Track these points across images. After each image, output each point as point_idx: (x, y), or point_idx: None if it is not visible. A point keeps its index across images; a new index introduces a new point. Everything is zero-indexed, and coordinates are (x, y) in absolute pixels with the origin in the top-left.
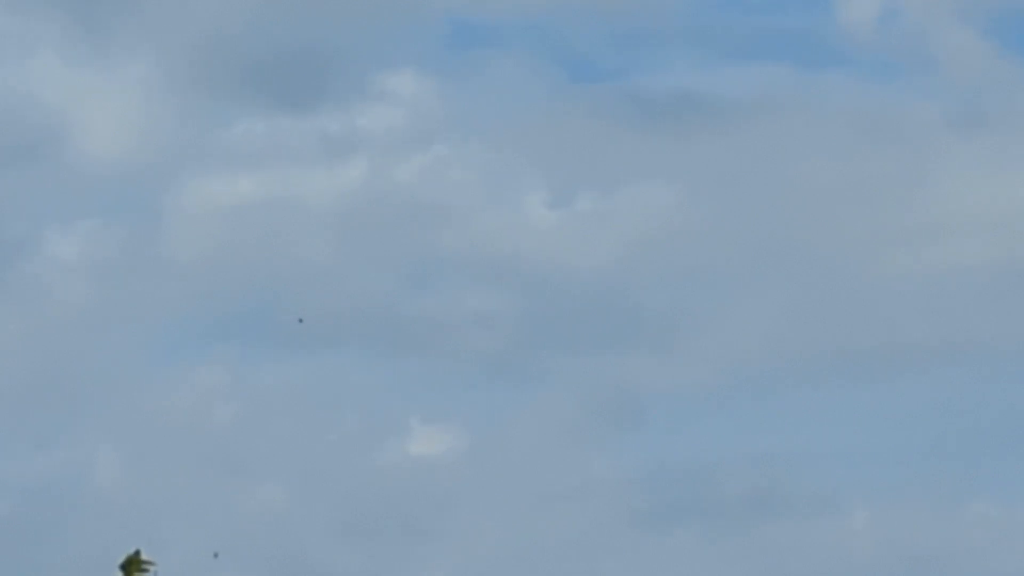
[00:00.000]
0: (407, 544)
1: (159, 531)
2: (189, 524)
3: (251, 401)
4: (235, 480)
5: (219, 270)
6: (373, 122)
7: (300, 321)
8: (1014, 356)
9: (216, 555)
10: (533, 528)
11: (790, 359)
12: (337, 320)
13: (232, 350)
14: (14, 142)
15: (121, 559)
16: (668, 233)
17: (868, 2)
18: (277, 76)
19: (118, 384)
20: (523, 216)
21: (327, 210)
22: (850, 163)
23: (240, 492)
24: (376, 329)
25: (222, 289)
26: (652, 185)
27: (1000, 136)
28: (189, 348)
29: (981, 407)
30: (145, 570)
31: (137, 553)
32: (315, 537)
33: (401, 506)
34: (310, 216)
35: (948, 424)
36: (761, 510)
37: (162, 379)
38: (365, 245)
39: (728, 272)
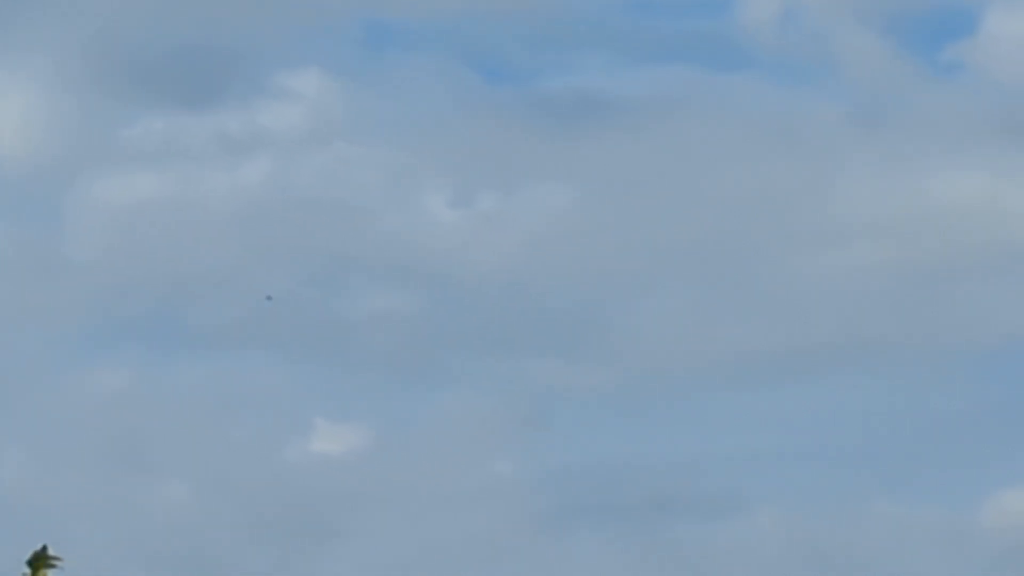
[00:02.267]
0: (312, 543)
1: (65, 530)
2: (95, 523)
3: (155, 401)
4: (140, 479)
5: (121, 270)
6: (275, 121)
7: (269, 298)
8: (919, 358)
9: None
10: (437, 528)
11: (694, 361)
12: (240, 321)
13: (135, 351)
14: None
15: (28, 556)
16: (571, 234)
17: (769, 4)
18: (177, 74)
19: (21, 384)
20: (425, 216)
21: (228, 209)
22: (752, 165)
23: (145, 491)
24: (279, 329)
25: (124, 290)
26: (554, 185)
27: (901, 136)
28: (91, 349)
29: (885, 409)
30: (53, 565)
31: (44, 548)
32: (220, 536)
33: (306, 506)
34: (211, 216)
35: (852, 426)
36: (666, 512)
37: (65, 379)
38: (267, 245)
39: (632, 274)
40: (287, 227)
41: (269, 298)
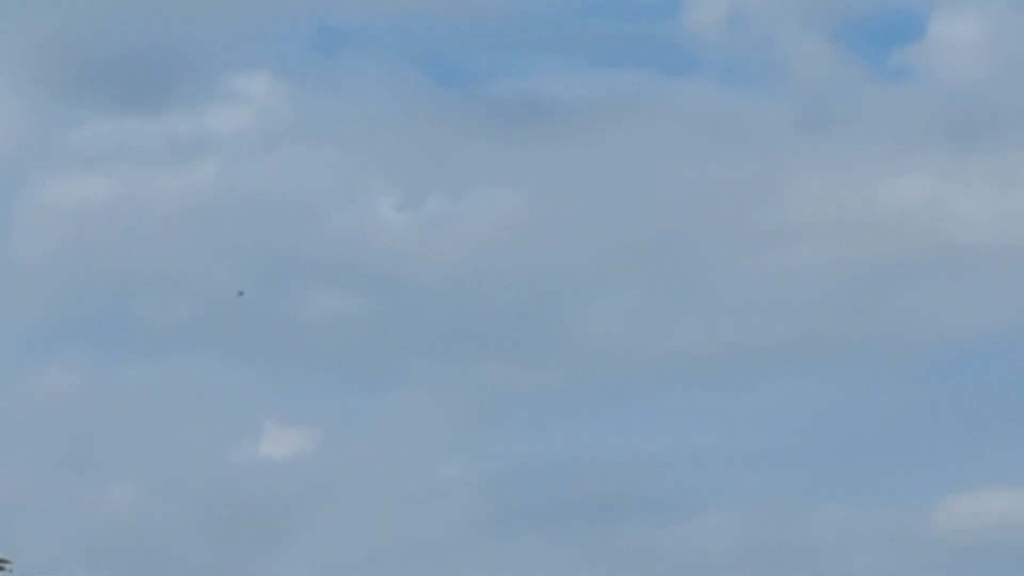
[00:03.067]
0: (260, 544)
1: (12, 531)
2: (43, 523)
3: (103, 402)
4: (88, 479)
5: (69, 272)
6: (223, 123)
7: (240, 293)
8: (868, 359)
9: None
10: (386, 529)
11: (643, 362)
12: (189, 322)
13: (83, 351)
14: None
15: None
16: (520, 236)
17: (716, 8)
18: (126, 76)
19: None
20: (373, 218)
21: (177, 212)
22: (701, 166)
23: (94, 492)
24: (227, 332)
25: (72, 291)
26: (503, 188)
27: (849, 138)
28: (40, 349)
29: (835, 410)
30: (1, 568)
31: None
32: (168, 537)
33: (254, 507)
34: (160, 218)
35: (803, 426)
36: (616, 513)
37: (13, 380)
38: (216, 247)
39: (580, 275)
40: (236, 229)
41: (241, 293)
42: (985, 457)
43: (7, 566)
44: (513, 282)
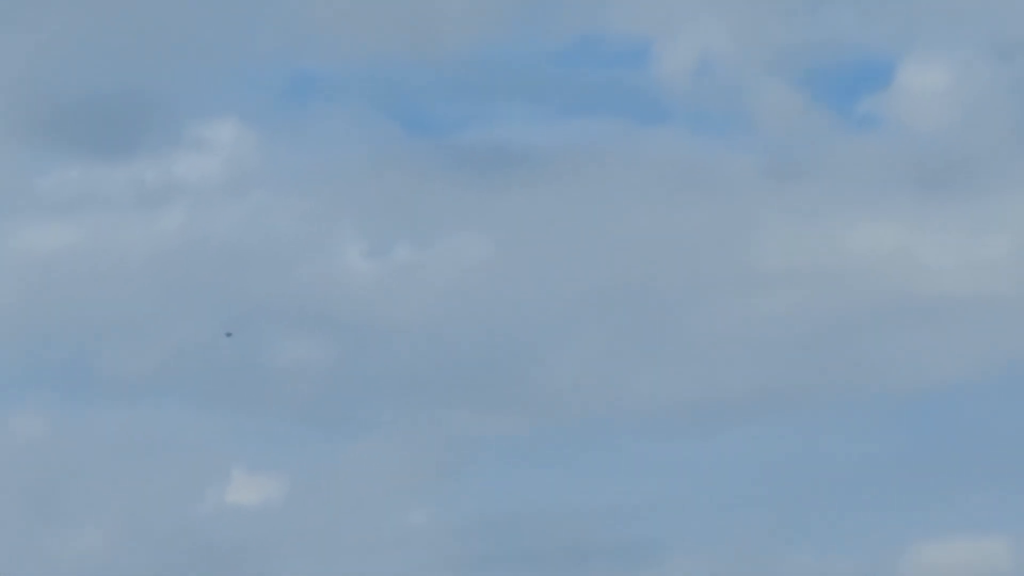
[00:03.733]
0: None
1: None
2: (9, 571)
3: (70, 449)
4: (54, 527)
5: (35, 318)
6: (191, 170)
7: (228, 335)
8: (833, 408)
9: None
10: None
11: (609, 410)
12: (155, 369)
13: (51, 398)
14: None
15: None
16: (487, 284)
17: (684, 57)
18: (93, 123)
19: None
20: (341, 266)
21: (144, 259)
22: (668, 215)
23: (59, 539)
24: (194, 378)
25: (39, 337)
26: (471, 236)
27: (816, 187)
28: (6, 396)
29: (800, 458)
30: None
31: None
32: None
33: (222, 555)
34: (127, 265)
35: (768, 474)
36: (583, 561)
37: None
38: (182, 294)
39: (547, 323)
40: (203, 276)
41: (229, 335)
42: (952, 505)
43: None
44: (481, 330)
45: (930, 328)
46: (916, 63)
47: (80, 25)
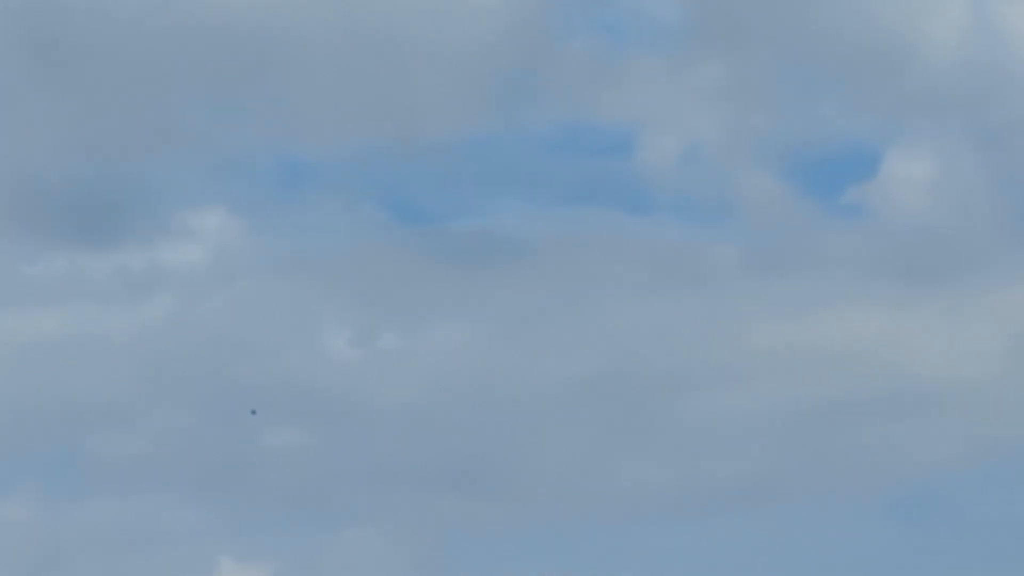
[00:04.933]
0: None
1: None
2: None
3: (56, 538)
4: None
5: (21, 407)
6: (176, 258)
7: (253, 412)
8: (820, 496)
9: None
10: None
11: (596, 498)
12: (141, 457)
13: (36, 487)
14: None
15: None
16: (473, 372)
17: (669, 146)
18: (79, 212)
19: None
20: (327, 354)
21: (129, 347)
22: (655, 304)
23: None
24: (181, 466)
25: (25, 426)
26: (456, 324)
27: (801, 276)
28: None
29: (786, 547)
30: None
31: None
32: None
33: None
34: (113, 353)
35: (756, 565)
36: None
37: None
38: (168, 382)
39: (533, 412)
40: (189, 364)
41: (254, 412)
42: None
43: None
44: (468, 418)
45: (916, 417)
46: (901, 153)
47: (66, 112)
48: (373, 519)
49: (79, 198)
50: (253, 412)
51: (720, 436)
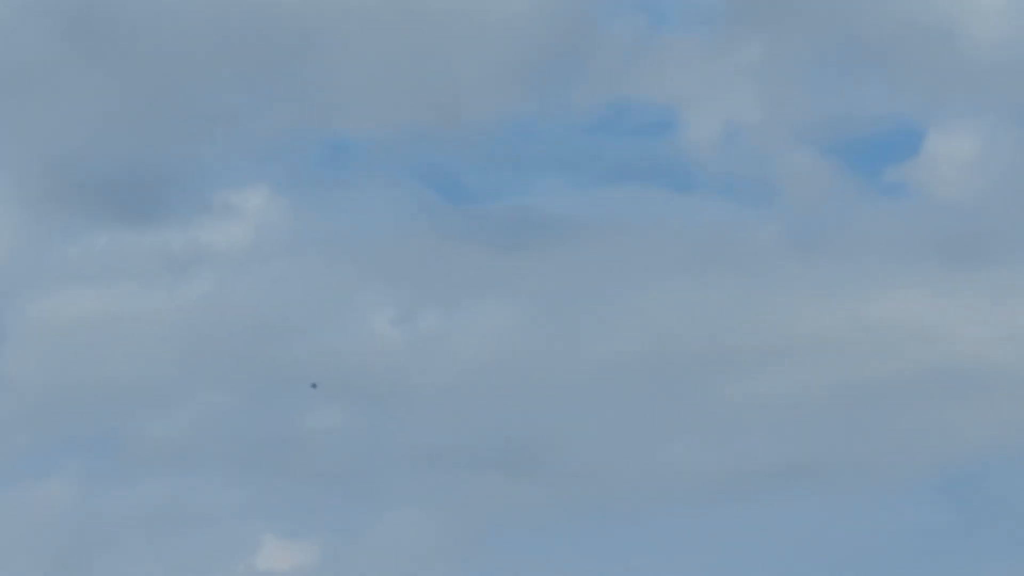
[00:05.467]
0: None
1: None
2: None
3: (100, 518)
4: None
5: (64, 387)
6: (218, 238)
7: (313, 386)
8: (861, 477)
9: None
10: None
11: (638, 480)
12: (184, 437)
13: (78, 468)
14: None
15: None
16: (515, 351)
17: (711, 125)
18: (120, 191)
19: None
20: (368, 333)
21: (170, 326)
22: (696, 283)
23: None
24: (223, 446)
25: (67, 407)
26: (497, 303)
27: (842, 255)
28: (34, 466)
29: (829, 529)
30: None
31: None
32: None
33: None
34: (154, 333)
35: (795, 545)
36: None
37: (6, 497)
38: (210, 361)
39: (574, 391)
40: (230, 344)
41: (314, 386)
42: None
43: None
44: (510, 397)
45: (960, 397)
46: (943, 132)
47: (108, 93)
48: (415, 498)
49: (121, 177)
50: (313, 386)
51: (763, 415)
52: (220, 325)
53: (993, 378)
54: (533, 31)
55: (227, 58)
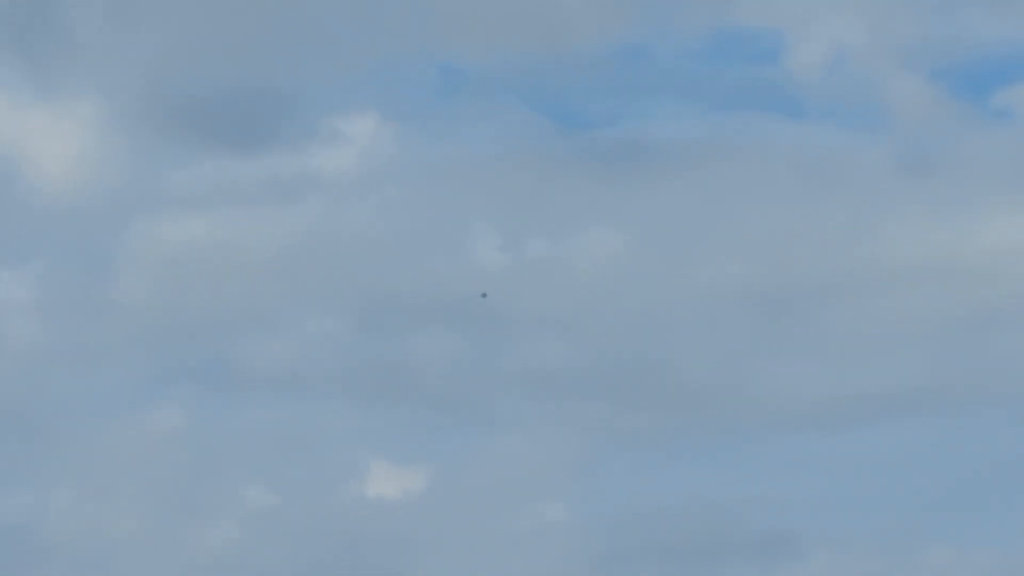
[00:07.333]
0: None
1: (116, 569)
2: (146, 563)
3: (207, 443)
4: (192, 520)
5: (172, 313)
6: (326, 164)
7: (483, 296)
8: (970, 404)
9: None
10: (491, 569)
11: (745, 406)
12: (292, 363)
13: (188, 393)
14: None
15: None
16: (621, 278)
17: (818, 51)
18: (228, 117)
19: (73, 426)
20: (475, 260)
21: (277, 252)
22: (803, 209)
23: (196, 532)
24: (331, 372)
25: (175, 332)
26: (604, 230)
27: (951, 180)
28: (143, 390)
29: (938, 454)
30: None
31: None
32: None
33: (361, 546)
34: (261, 259)
35: (906, 471)
36: (718, 555)
37: (117, 421)
38: (317, 288)
39: (681, 318)
40: (338, 270)
41: (484, 295)
42: None
43: None
44: (616, 324)
45: None
46: None
47: (216, 20)
48: (524, 424)
49: (227, 104)
50: (483, 295)
51: (870, 344)
52: (328, 251)
53: None
54: None
55: None
